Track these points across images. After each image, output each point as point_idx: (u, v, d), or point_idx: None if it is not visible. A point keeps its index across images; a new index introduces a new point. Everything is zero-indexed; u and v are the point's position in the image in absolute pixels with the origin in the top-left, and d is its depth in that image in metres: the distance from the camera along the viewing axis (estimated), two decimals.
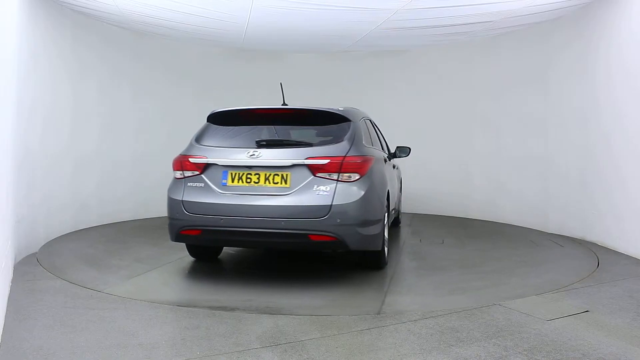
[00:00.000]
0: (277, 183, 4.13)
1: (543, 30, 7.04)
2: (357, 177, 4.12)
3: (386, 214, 4.84)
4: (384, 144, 6.29)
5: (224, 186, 4.24)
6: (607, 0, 5.91)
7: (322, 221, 3.99)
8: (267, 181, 4.15)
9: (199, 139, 4.63)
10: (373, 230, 4.30)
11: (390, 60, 8.99)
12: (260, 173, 4.18)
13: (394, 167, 7.04)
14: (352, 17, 6.52)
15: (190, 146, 4.59)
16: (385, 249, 4.86)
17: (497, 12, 6.28)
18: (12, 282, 4.22)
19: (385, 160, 5.26)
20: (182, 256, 5.28)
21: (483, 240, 6.45)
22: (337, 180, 4.06)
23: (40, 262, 4.95)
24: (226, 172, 4.27)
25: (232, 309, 3.63)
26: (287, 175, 4.12)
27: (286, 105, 4.91)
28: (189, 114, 7.24)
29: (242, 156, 4.23)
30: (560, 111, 6.82)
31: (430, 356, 2.85)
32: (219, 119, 4.75)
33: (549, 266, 5.05)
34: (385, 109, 8.64)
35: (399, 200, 7.25)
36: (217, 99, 7.66)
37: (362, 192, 4.11)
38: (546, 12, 6.37)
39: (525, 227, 7.36)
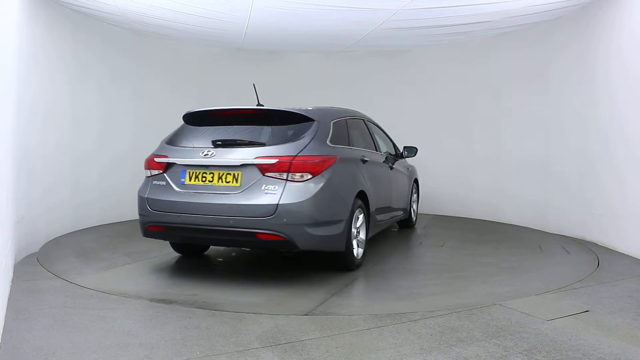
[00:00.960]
0: (229, 182, 4.21)
1: (543, 30, 7.04)
2: (309, 176, 4.12)
3: (362, 215, 4.85)
4: (381, 145, 6.28)
5: (182, 185, 4.38)
6: (607, 0, 5.92)
7: (269, 220, 4.02)
8: (220, 180, 4.25)
9: (169, 139, 4.79)
10: (329, 230, 4.29)
11: (391, 60, 8.99)
12: (214, 172, 4.28)
13: (407, 168, 7.01)
14: (352, 17, 6.52)
15: (159, 146, 4.75)
16: (359, 250, 4.84)
17: (497, 12, 6.28)
18: (12, 282, 4.22)
19: (364, 161, 5.09)
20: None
21: (485, 244, 6.20)
22: (286, 179, 4.09)
23: (40, 262, 4.95)
24: (185, 171, 4.40)
25: (171, 302, 3.75)
26: (238, 174, 4.20)
27: (261, 105, 4.93)
28: None
29: (198, 156, 4.35)
30: (560, 111, 6.82)
31: (430, 356, 2.85)
32: (192, 119, 4.86)
33: (535, 274, 4.88)
34: (385, 109, 8.63)
35: (410, 201, 7.04)
36: (217, 99, 7.66)
37: (313, 192, 4.10)
38: (546, 12, 6.37)
39: (539, 230, 7.32)
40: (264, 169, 4.13)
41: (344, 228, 4.41)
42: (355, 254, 4.72)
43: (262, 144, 4.32)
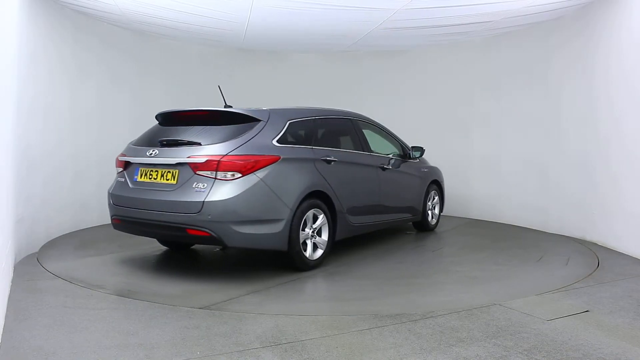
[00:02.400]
0: (168, 180, 4.44)
1: (543, 30, 7.03)
2: (239, 175, 4.25)
3: (322, 216, 4.88)
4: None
5: (135, 182, 4.69)
6: (607, 0, 5.92)
7: (196, 217, 4.20)
8: (162, 177, 4.50)
9: (136, 138, 5.07)
10: (263, 229, 4.38)
11: (391, 60, 8.99)
12: (158, 170, 4.53)
13: (420, 169, 6.79)
14: (352, 17, 6.52)
15: (126, 146, 5.06)
16: (318, 251, 4.89)
17: (496, 12, 6.28)
18: (12, 282, 4.22)
19: (329, 161, 5.05)
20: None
21: (482, 251, 5.81)
22: (215, 178, 4.24)
23: (40, 262, 4.95)
24: (138, 169, 4.70)
25: (109, 290, 3.98)
26: (175, 172, 4.42)
27: (230, 107, 5.08)
28: None
29: (146, 155, 4.65)
30: (560, 111, 6.82)
31: (430, 356, 2.85)
32: (162, 119, 5.14)
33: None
34: (385, 109, 8.63)
35: (423, 204, 6.80)
36: (217, 99, 7.66)
37: (240, 191, 4.22)
38: (546, 12, 6.37)
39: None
40: (195, 167, 4.31)
41: (283, 228, 4.46)
42: (307, 255, 4.77)
43: (198, 144, 4.47)
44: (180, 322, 3.37)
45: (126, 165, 4.82)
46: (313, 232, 4.84)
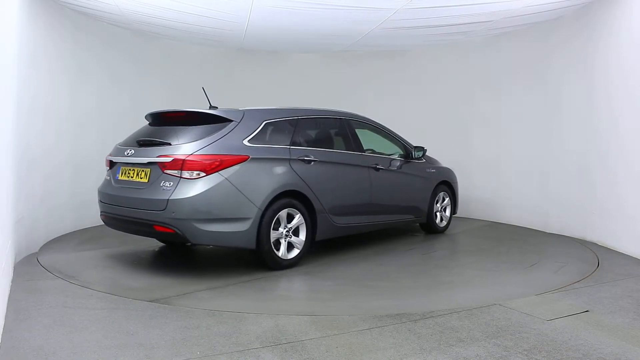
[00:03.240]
0: (141, 178, 4.65)
1: (543, 30, 7.03)
2: (203, 174, 4.37)
3: (299, 216, 4.92)
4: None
5: (116, 180, 4.92)
6: (607, 1, 5.92)
7: (161, 214, 4.38)
8: (137, 176, 4.71)
9: (125, 139, 5.25)
10: (228, 227, 4.47)
11: (391, 60, 8.99)
12: (135, 169, 4.75)
13: (426, 169, 6.63)
14: (352, 17, 6.52)
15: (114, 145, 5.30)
16: (294, 251, 4.93)
17: (496, 12, 6.28)
18: (12, 282, 4.22)
19: (309, 161, 5.09)
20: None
21: (475, 254, 5.67)
22: (180, 177, 4.39)
23: (40, 262, 4.95)
24: (119, 168, 4.93)
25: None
26: (147, 171, 4.61)
27: (215, 107, 5.20)
28: None
29: (124, 155, 4.89)
30: (560, 111, 6.82)
31: (430, 356, 2.85)
32: (149, 119, 5.33)
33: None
34: (385, 109, 8.62)
35: (428, 205, 6.64)
36: (217, 99, 7.66)
37: (202, 189, 4.34)
38: (546, 12, 6.37)
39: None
40: (163, 166, 4.49)
41: (250, 226, 4.53)
42: (280, 254, 4.81)
43: (168, 144, 4.63)
44: (180, 322, 3.37)
45: (111, 164, 5.06)
46: (288, 231, 4.89)
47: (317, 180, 5.14)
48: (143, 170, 4.65)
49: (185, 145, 4.52)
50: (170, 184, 4.41)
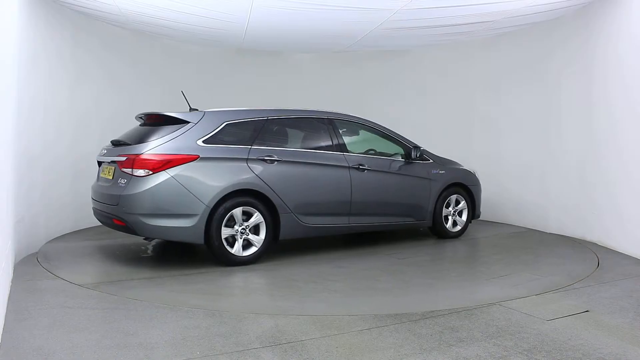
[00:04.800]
0: (108, 175, 5.08)
1: (543, 30, 7.03)
2: (149, 173, 4.68)
3: (258, 214, 5.02)
4: (340, 146, 5.76)
5: (98, 177, 5.40)
6: (607, 1, 5.92)
7: (116, 208, 4.79)
8: (108, 174, 5.10)
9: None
10: (175, 223, 4.73)
11: (391, 60, 8.99)
12: (106, 168, 5.17)
13: (429, 171, 6.33)
14: (352, 17, 6.52)
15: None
16: (251, 249, 5.03)
17: (497, 12, 6.28)
18: (12, 282, 4.22)
19: (271, 161, 5.14)
20: None
21: (451, 263, 5.41)
22: (132, 174, 4.74)
23: (40, 262, 4.95)
24: (101, 166, 5.39)
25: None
26: (112, 169, 5.03)
27: (195, 110, 5.39)
28: None
29: (102, 154, 5.39)
30: (559, 111, 6.82)
31: (430, 356, 2.85)
32: (138, 120, 5.60)
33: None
34: (385, 109, 8.63)
35: (432, 208, 6.30)
36: (217, 100, 7.67)
37: (148, 187, 4.66)
38: (546, 12, 6.37)
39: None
40: (121, 165, 4.87)
41: (197, 222, 4.75)
42: (234, 251, 4.95)
43: (128, 144, 5.01)
44: (180, 322, 3.37)
45: (98, 163, 5.52)
46: (244, 229, 4.99)
47: (280, 180, 5.19)
48: (109, 168, 5.09)
49: (140, 146, 4.87)
50: (124, 181, 4.77)
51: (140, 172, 4.70)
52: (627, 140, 5.55)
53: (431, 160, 6.49)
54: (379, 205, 5.96)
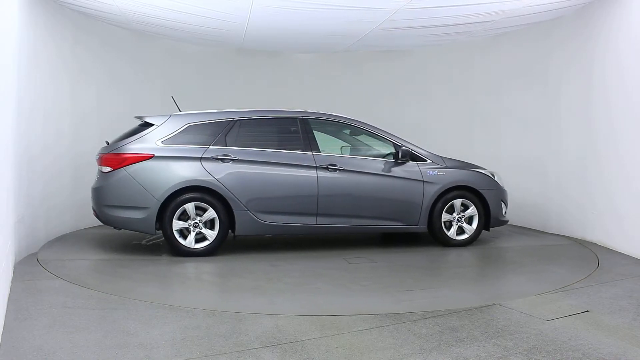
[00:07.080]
0: (97, 173, 5.58)
1: (543, 30, 7.03)
2: (109, 169, 5.30)
3: (212, 210, 5.31)
4: (312, 146, 5.66)
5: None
6: (607, 1, 5.92)
7: (92, 200, 5.53)
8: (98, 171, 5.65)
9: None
10: (130, 214, 5.27)
11: (391, 60, 8.98)
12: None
13: (433, 172, 5.87)
14: (352, 17, 6.52)
15: None
16: (205, 242, 5.32)
17: (497, 11, 6.28)
18: (12, 282, 4.22)
19: (226, 160, 5.39)
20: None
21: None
22: (101, 171, 5.40)
23: (40, 262, 4.95)
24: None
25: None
26: (97, 167, 5.57)
27: (180, 112, 5.80)
28: None
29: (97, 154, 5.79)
30: (559, 111, 6.82)
31: (430, 356, 2.85)
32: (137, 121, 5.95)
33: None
34: (385, 109, 8.62)
35: (426, 213, 5.80)
36: (217, 100, 7.66)
37: (107, 181, 5.31)
38: (546, 12, 6.37)
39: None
40: (98, 162, 5.51)
41: (148, 215, 5.22)
42: (186, 243, 5.30)
43: (107, 143, 5.63)
44: (180, 322, 3.37)
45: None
46: (197, 223, 5.32)
47: (234, 178, 5.40)
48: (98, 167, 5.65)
49: (111, 146, 5.49)
50: (98, 177, 5.47)
51: (107, 168, 5.31)
52: (626, 140, 5.55)
53: (429, 161, 5.98)
54: (354, 208, 5.68)
